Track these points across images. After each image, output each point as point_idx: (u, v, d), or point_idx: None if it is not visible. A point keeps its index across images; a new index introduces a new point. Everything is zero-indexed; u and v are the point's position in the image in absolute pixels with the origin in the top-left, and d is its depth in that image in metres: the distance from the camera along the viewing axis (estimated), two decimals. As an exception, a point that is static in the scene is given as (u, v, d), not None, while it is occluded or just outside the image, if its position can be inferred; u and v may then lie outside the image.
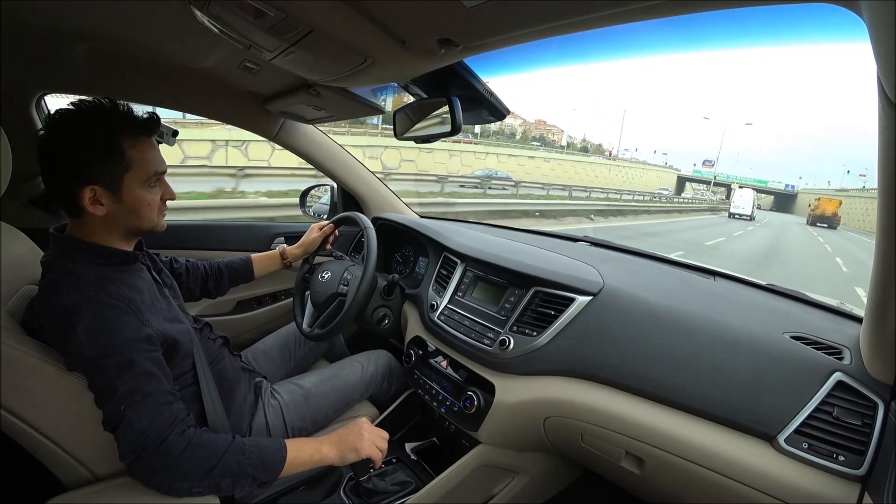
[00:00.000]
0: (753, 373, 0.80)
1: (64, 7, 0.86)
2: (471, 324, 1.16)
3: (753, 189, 38.84)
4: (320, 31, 0.70)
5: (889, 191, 0.50)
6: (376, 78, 0.95)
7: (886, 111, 0.45)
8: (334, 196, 1.85)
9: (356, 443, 0.87)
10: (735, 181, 61.39)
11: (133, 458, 0.70)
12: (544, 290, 1.07)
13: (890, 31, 0.39)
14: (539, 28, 0.61)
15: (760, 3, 0.50)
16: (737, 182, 59.46)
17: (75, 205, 0.77)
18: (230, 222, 2.01)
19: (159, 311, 0.83)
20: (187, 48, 1.06)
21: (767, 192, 69.07)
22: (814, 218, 31.60)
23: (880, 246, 0.58)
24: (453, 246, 1.36)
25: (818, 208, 31.82)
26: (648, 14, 0.53)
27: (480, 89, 0.94)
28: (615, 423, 0.90)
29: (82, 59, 1.10)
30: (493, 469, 1.13)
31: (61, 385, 0.74)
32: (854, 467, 0.68)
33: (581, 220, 13.45)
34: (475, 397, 1.06)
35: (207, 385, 0.91)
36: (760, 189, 58.30)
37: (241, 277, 1.29)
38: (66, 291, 0.73)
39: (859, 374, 0.74)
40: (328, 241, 1.42)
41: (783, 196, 70.02)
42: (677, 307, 0.95)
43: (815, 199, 34.22)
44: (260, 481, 0.76)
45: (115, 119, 0.78)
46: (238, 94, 1.38)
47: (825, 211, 31.34)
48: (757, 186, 55.69)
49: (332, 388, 1.18)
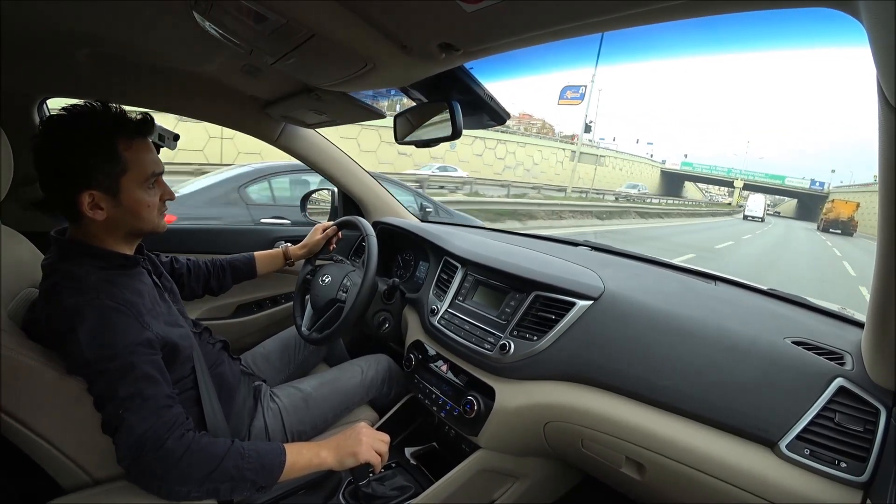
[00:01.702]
0: (755, 378, 0.79)
1: (66, 11, 0.86)
2: (471, 328, 1.16)
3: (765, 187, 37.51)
4: (321, 35, 0.71)
5: (890, 196, 0.50)
6: (377, 82, 0.95)
7: (886, 115, 0.45)
8: (335, 200, 1.85)
9: (355, 448, 0.86)
10: (739, 176, 48.05)
11: (131, 462, 0.69)
12: (545, 294, 1.07)
13: (889, 35, 0.39)
14: (539, 32, 0.61)
15: (758, 8, 0.50)
16: (741, 178, 47.33)
17: (74, 210, 0.77)
18: (232, 226, 2.02)
19: (160, 314, 0.83)
20: (189, 52, 1.07)
21: (785, 192, 53.66)
22: (826, 223, 27.79)
23: (882, 250, 0.58)
24: (454, 250, 1.36)
25: (831, 211, 28.23)
26: (647, 19, 0.54)
27: (481, 93, 0.95)
28: (616, 429, 0.90)
29: (84, 63, 1.11)
30: (493, 474, 1.12)
31: (61, 388, 0.74)
32: (856, 474, 0.68)
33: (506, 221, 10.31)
34: (475, 402, 1.06)
35: (207, 389, 0.90)
36: (774, 188, 49.49)
37: (244, 275, 1.29)
38: (67, 294, 0.73)
39: (861, 379, 0.73)
40: (331, 242, 1.43)
41: (808, 198, 50.29)
42: (678, 312, 0.95)
43: (829, 200, 30.68)
44: (259, 486, 0.76)
45: (108, 122, 0.77)
46: (239, 98, 1.38)
47: (839, 214, 27.63)
48: (768, 185, 47.27)
49: (331, 392, 1.18)
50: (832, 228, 27.15)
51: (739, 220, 27.26)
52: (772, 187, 48.95)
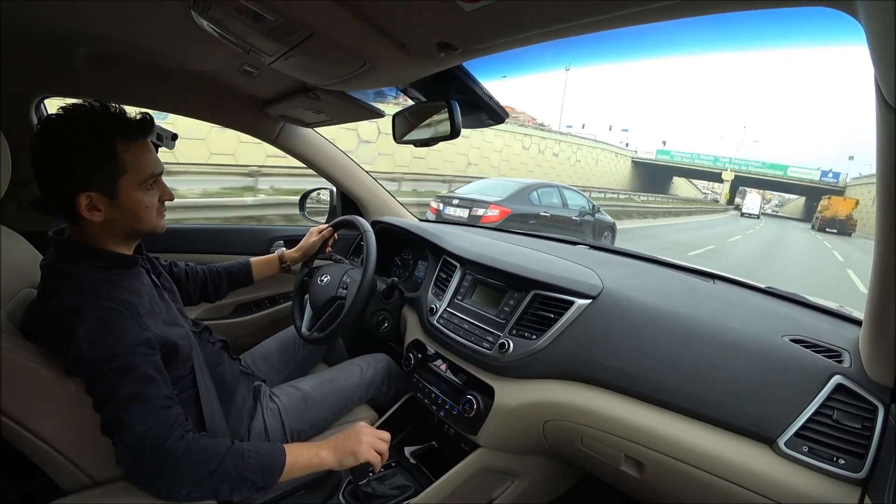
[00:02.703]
0: (753, 376, 0.80)
1: (65, 10, 0.86)
2: (470, 327, 1.16)
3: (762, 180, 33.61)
4: (320, 34, 0.71)
5: (887, 194, 0.50)
6: (376, 81, 0.96)
7: (884, 115, 0.45)
8: (333, 199, 1.85)
9: (354, 447, 0.86)
10: (728, 167, 37.33)
11: (130, 463, 0.69)
12: (543, 293, 1.07)
13: (886, 35, 0.39)
14: (538, 32, 0.61)
15: (756, 7, 0.50)
16: (731, 168, 37.14)
17: (72, 211, 0.76)
18: (230, 225, 2.01)
19: (158, 314, 0.83)
20: (187, 52, 1.07)
21: (788, 186, 42.45)
22: (822, 222, 25.20)
23: (880, 248, 0.58)
24: (452, 249, 1.36)
25: (828, 209, 25.42)
26: (644, 18, 0.54)
27: (479, 93, 0.95)
28: (615, 427, 0.90)
29: (83, 62, 1.10)
30: (492, 473, 1.13)
31: (60, 389, 0.74)
32: (854, 470, 0.68)
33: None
34: (474, 401, 1.06)
35: (206, 389, 0.90)
36: (773, 181, 39.07)
37: (241, 282, 1.29)
38: (65, 295, 0.73)
39: (859, 376, 0.74)
40: (327, 244, 1.43)
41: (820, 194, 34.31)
42: (676, 310, 0.95)
43: (826, 197, 27.30)
44: (258, 486, 0.76)
45: (107, 123, 0.77)
46: (238, 97, 1.38)
47: (837, 213, 24.94)
48: (766, 176, 37.80)
49: (331, 391, 1.18)
50: (829, 228, 24.86)
51: (732, 218, 27.22)
52: (770, 179, 39.04)
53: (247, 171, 7.49)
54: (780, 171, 37.85)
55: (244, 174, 7.50)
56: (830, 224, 24.76)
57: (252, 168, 7.54)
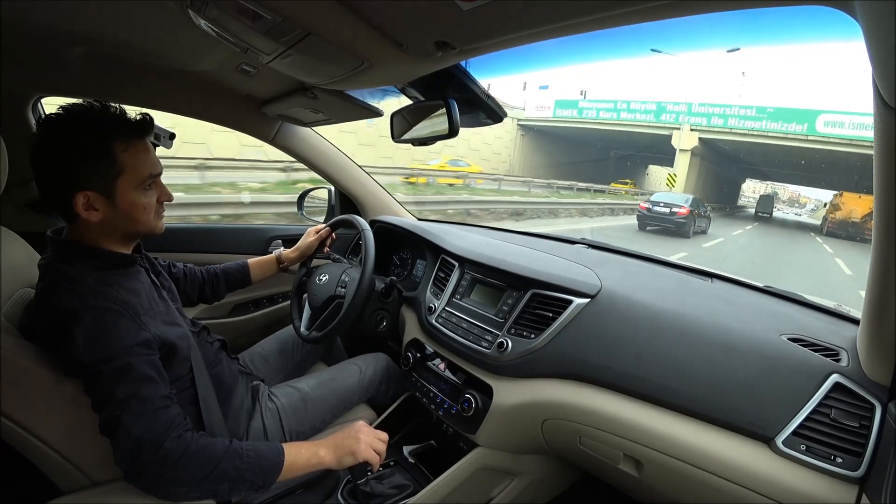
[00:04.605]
0: (751, 374, 0.80)
1: (61, 9, 0.86)
2: (468, 326, 1.16)
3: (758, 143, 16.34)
4: (317, 34, 0.70)
5: (886, 193, 0.50)
6: (373, 81, 0.95)
7: (882, 114, 0.45)
8: (332, 199, 1.85)
9: (353, 446, 0.86)
10: (689, 123, 17.35)
11: (129, 463, 0.69)
12: (542, 292, 1.07)
13: (884, 34, 0.39)
14: (535, 31, 0.61)
15: (755, 6, 0.50)
16: (691, 125, 17.36)
17: (69, 211, 0.76)
18: (228, 225, 2.01)
19: (157, 314, 0.83)
20: (184, 51, 1.06)
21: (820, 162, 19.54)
22: (832, 225, 17.87)
23: (878, 247, 0.58)
24: (451, 248, 1.36)
25: (839, 209, 17.74)
26: (642, 17, 0.54)
27: (477, 91, 0.94)
28: (613, 426, 0.90)
29: (79, 62, 1.10)
30: (491, 472, 1.13)
31: (58, 389, 0.74)
32: (852, 469, 0.68)
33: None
34: (473, 400, 1.06)
35: (205, 389, 0.90)
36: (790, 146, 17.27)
37: (238, 283, 1.29)
38: (63, 295, 0.72)
39: (857, 375, 0.74)
40: (325, 244, 1.42)
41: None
42: (675, 309, 0.95)
43: (837, 194, 18.69)
44: (257, 486, 0.76)
45: (106, 123, 0.77)
46: (235, 97, 1.38)
47: (850, 214, 17.25)
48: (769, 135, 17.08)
49: (329, 391, 1.18)
50: (838, 233, 17.35)
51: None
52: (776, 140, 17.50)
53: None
54: (802, 120, 16.58)
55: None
56: (842, 228, 17.49)
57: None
